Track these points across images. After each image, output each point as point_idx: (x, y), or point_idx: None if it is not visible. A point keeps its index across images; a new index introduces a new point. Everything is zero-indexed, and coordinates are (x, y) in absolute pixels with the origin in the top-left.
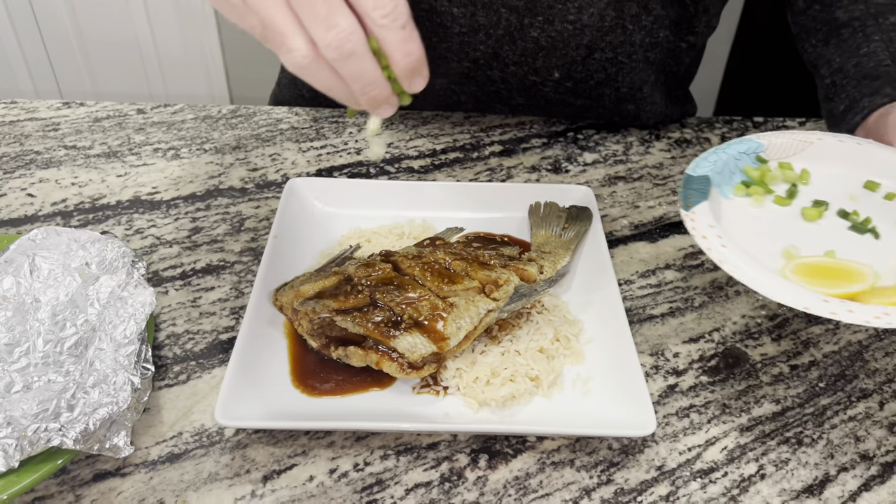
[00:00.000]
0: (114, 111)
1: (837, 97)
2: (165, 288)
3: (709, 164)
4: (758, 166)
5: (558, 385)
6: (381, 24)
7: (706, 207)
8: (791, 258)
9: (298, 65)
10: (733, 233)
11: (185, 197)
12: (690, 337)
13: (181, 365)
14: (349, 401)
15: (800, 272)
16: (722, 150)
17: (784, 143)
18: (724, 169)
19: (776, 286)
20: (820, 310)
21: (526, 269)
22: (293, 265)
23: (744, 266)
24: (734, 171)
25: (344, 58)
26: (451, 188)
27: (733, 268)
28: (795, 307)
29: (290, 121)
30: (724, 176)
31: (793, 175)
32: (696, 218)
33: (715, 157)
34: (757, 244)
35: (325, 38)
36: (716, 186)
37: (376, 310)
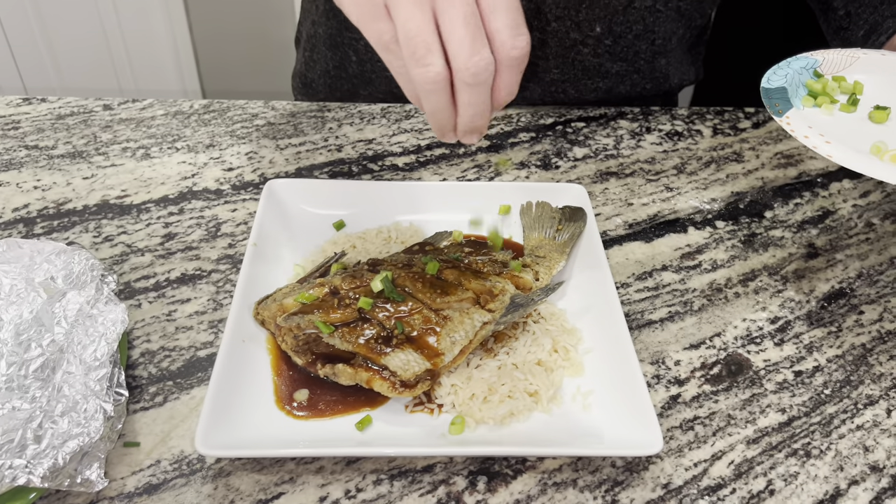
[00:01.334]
0: (78, 107)
1: (854, 25)
2: (138, 300)
3: (780, 77)
4: (817, 80)
5: (558, 400)
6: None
7: (797, 113)
8: (881, 152)
9: (430, 80)
10: (825, 133)
11: (156, 200)
12: (691, 343)
13: (157, 385)
14: (338, 423)
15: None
16: (786, 66)
17: (835, 58)
18: (792, 82)
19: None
20: None
21: (521, 276)
22: (274, 274)
23: (855, 157)
24: (799, 85)
25: (476, 84)
26: (439, 188)
27: (845, 159)
28: None
29: (266, 116)
30: (793, 89)
31: (848, 86)
32: (791, 122)
33: (783, 72)
34: (847, 143)
35: (467, 62)
36: (791, 97)
37: (365, 324)
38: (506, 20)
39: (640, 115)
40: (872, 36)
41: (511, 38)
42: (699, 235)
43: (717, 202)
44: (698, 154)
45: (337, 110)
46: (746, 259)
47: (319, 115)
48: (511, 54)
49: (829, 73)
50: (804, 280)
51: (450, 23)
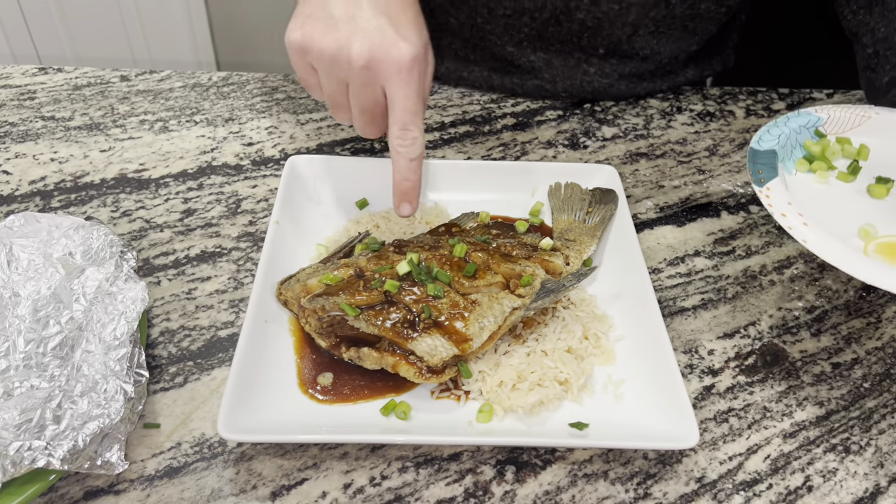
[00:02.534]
0: (95, 78)
1: (881, 68)
2: (157, 278)
3: (773, 138)
4: (817, 140)
5: (589, 388)
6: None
7: (780, 183)
8: (869, 237)
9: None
10: (806, 210)
11: (175, 175)
12: (725, 332)
13: (177, 366)
14: (363, 408)
15: (883, 252)
16: (783, 123)
17: (842, 117)
18: (786, 143)
19: (868, 268)
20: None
21: (551, 260)
22: (297, 254)
23: (830, 246)
24: (795, 146)
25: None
26: (464, 167)
27: (819, 248)
28: (891, 290)
29: (286, 90)
30: (787, 150)
31: (852, 150)
32: (771, 195)
33: (777, 131)
34: (831, 222)
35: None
36: (781, 161)
37: (391, 308)
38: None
39: (671, 95)
40: (894, 87)
41: (400, 132)
42: (733, 220)
43: (751, 186)
44: (731, 136)
45: None
46: (781, 245)
47: None
48: (397, 145)
49: (834, 132)
50: None
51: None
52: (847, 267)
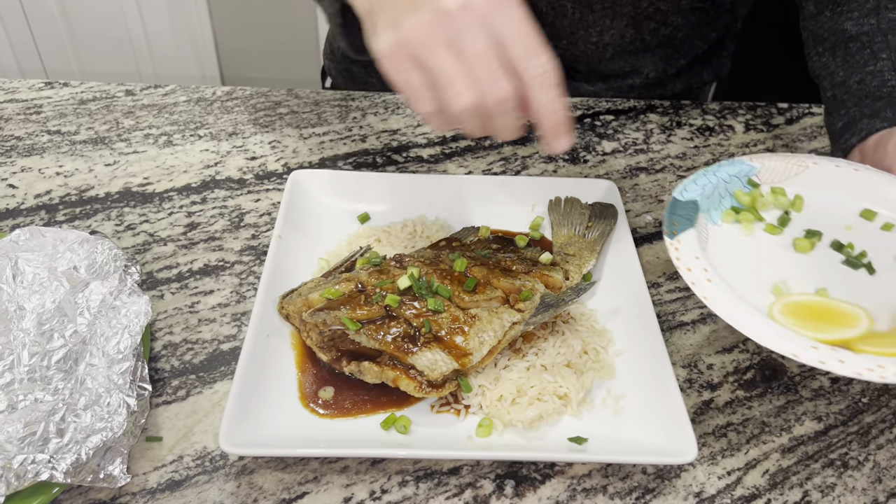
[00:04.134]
0: (100, 92)
1: (836, 113)
2: (160, 291)
3: (698, 188)
4: (749, 191)
5: (588, 403)
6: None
7: (692, 236)
8: (781, 295)
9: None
10: (720, 263)
11: (179, 189)
12: (724, 347)
13: (179, 379)
14: (363, 422)
15: (789, 312)
16: (712, 173)
17: (778, 167)
18: (713, 193)
19: (764, 330)
20: (808, 358)
21: (551, 275)
22: (299, 268)
23: (729, 305)
24: (724, 195)
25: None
26: (465, 182)
27: (718, 306)
28: (783, 353)
29: (289, 104)
30: (714, 200)
31: (785, 201)
32: (680, 247)
33: (705, 181)
34: (745, 277)
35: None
36: (703, 212)
37: (392, 322)
38: (521, 47)
39: (671, 109)
40: (846, 133)
41: (528, 61)
42: None
43: None
44: (730, 150)
45: (361, 99)
46: None
47: (343, 104)
48: (532, 75)
49: (769, 182)
50: None
51: (469, 61)
52: (744, 328)
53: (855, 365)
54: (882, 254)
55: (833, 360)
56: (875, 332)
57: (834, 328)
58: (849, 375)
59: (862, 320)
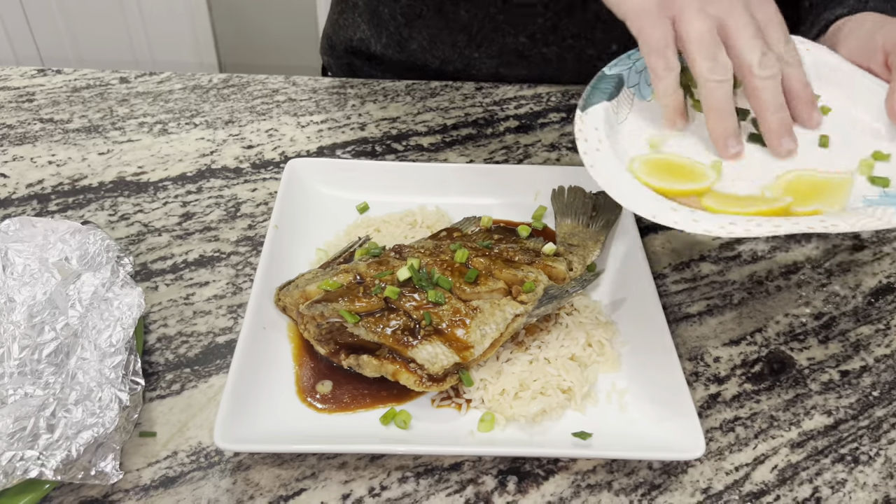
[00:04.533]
0: (94, 80)
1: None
2: (155, 283)
3: (629, 63)
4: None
5: (592, 397)
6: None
7: (601, 110)
8: (655, 146)
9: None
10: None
11: (174, 178)
12: (731, 339)
13: (174, 373)
14: (362, 417)
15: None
16: None
17: None
18: (645, 67)
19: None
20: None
21: (554, 266)
22: (296, 258)
23: (611, 174)
24: None
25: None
26: (466, 170)
27: (600, 174)
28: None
29: (287, 92)
30: (647, 75)
31: None
32: (585, 119)
33: (638, 55)
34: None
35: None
36: (631, 86)
37: (392, 314)
38: (779, 33)
39: None
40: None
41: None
42: None
43: None
44: None
45: (360, 87)
46: (788, 250)
47: (342, 92)
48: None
49: None
50: (850, 274)
51: (737, 30)
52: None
53: (708, 223)
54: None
55: (687, 220)
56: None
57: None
58: (699, 232)
59: (708, 176)
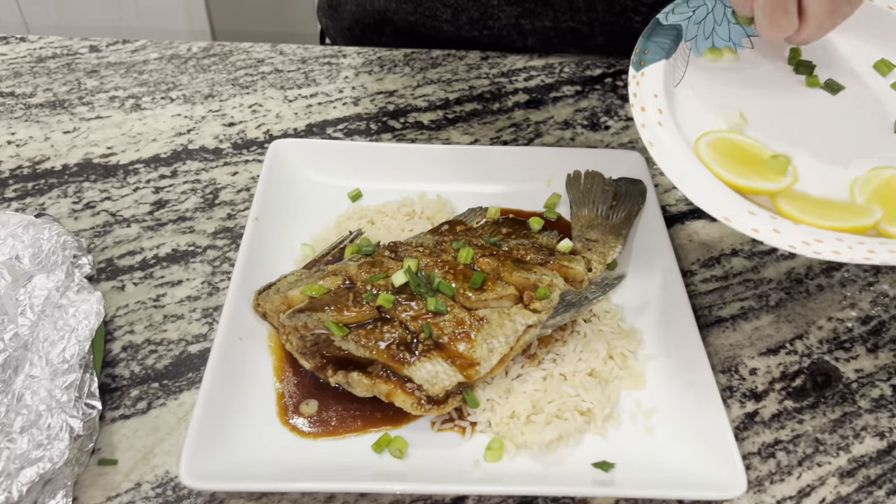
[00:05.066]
0: (61, 48)
1: None
2: (121, 281)
3: (688, 11)
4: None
5: (615, 419)
6: None
7: (660, 69)
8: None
9: None
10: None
11: (146, 160)
12: (768, 347)
13: (140, 388)
14: (352, 443)
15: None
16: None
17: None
18: (706, 18)
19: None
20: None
21: (571, 266)
22: (278, 255)
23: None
24: (720, 21)
25: None
26: (471, 153)
27: (662, 156)
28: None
29: (273, 62)
30: (702, 28)
31: None
32: (642, 82)
33: (698, 2)
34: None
35: None
36: (689, 40)
37: (385, 326)
38: None
39: None
40: None
41: None
42: None
43: None
44: None
45: (353, 56)
46: None
47: (334, 62)
48: None
49: None
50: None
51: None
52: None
53: (790, 236)
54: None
55: (768, 230)
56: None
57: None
58: (782, 248)
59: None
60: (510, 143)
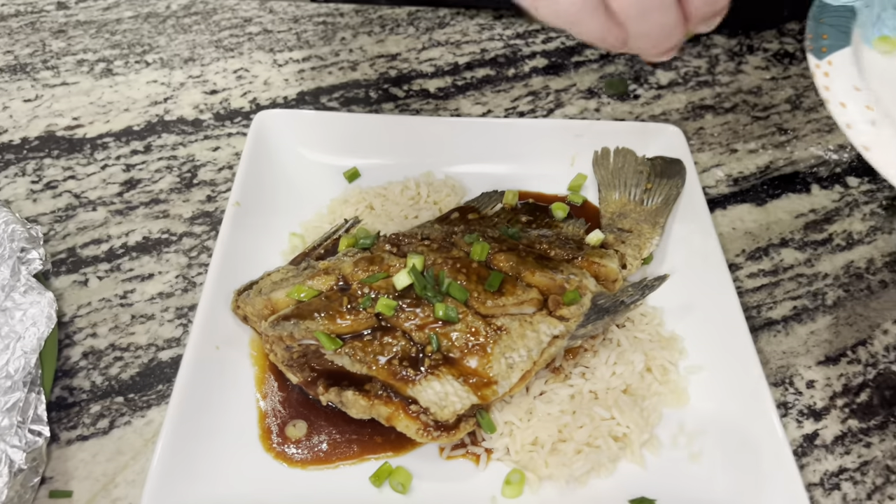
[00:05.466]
0: (25, 4)
1: None
2: (84, 275)
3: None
4: None
5: (654, 444)
6: None
7: (848, 58)
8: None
9: None
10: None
11: (117, 133)
12: (827, 355)
13: (101, 403)
14: (347, 474)
15: None
16: None
17: None
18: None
19: None
20: None
21: (603, 263)
22: (263, 247)
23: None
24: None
25: None
26: (484, 127)
27: (883, 163)
28: None
29: (261, 21)
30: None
31: None
32: (832, 73)
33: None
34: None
35: None
36: (860, 26)
37: (386, 337)
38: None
39: (739, 30)
40: None
41: None
42: (826, 197)
43: (847, 150)
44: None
45: (352, 15)
46: (892, 232)
47: (330, 21)
48: None
49: None
50: None
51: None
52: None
53: None
54: None
55: None
56: None
57: None
58: None
59: None
60: (527, 114)
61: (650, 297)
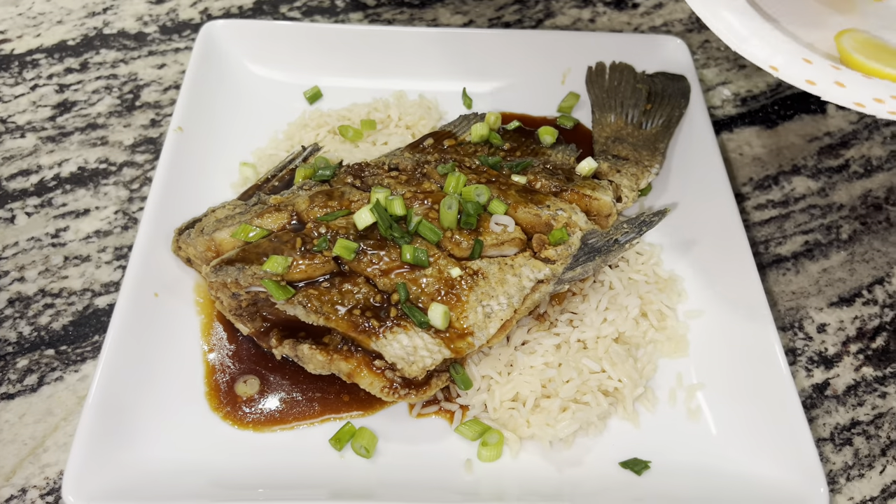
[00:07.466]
0: None
1: None
2: (11, 211)
3: None
4: None
5: (649, 398)
6: None
7: None
8: None
9: None
10: None
11: (49, 49)
12: (840, 296)
13: (29, 357)
14: (304, 435)
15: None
16: None
17: None
18: None
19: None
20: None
21: (594, 196)
22: (210, 180)
23: None
24: None
25: None
26: (463, 38)
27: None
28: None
29: None
30: None
31: None
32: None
33: None
34: None
35: None
36: None
37: (346, 283)
38: None
39: None
40: None
41: None
42: (843, 118)
43: None
44: None
45: None
46: None
47: None
48: None
49: None
50: None
51: None
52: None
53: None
54: None
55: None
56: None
57: None
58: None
59: None
60: (513, 25)
61: (647, 233)
